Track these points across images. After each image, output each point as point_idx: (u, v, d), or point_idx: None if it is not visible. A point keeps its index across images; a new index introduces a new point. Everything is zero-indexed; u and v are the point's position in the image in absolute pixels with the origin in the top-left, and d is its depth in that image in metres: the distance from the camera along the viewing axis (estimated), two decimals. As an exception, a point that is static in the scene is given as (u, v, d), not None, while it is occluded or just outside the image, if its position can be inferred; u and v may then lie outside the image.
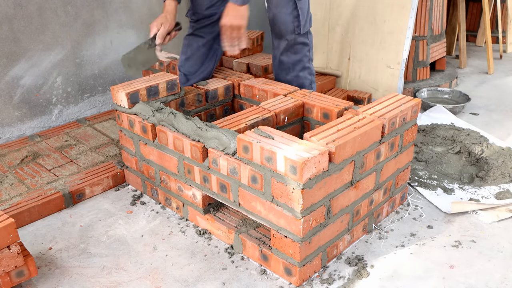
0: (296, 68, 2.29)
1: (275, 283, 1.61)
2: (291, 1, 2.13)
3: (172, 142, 1.83)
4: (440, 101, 3.12)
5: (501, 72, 3.77)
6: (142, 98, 1.99)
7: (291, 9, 2.14)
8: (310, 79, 2.35)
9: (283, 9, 2.14)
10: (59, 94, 2.71)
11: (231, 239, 1.76)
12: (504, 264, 1.68)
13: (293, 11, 2.14)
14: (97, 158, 2.32)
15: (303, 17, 2.18)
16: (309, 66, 2.33)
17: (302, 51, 2.27)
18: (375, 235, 1.83)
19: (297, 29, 2.19)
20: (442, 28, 3.40)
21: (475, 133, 2.52)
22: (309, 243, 1.54)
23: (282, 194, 1.48)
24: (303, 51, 2.27)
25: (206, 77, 2.38)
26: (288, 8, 2.14)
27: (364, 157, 1.63)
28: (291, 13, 2.15)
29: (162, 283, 1.62)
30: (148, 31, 2.20)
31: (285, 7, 2.14)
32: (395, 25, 2.83)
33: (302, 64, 2.29)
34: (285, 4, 2.13)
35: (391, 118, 1.69)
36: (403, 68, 2.85)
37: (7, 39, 2.43)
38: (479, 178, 2.18)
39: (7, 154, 2.36)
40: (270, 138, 1.53)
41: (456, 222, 1.91)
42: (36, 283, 1.62)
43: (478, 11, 4.43)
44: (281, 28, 2.20)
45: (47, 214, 2.00)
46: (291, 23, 2.17)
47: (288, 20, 2.16)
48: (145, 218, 1.98)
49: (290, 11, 2.14)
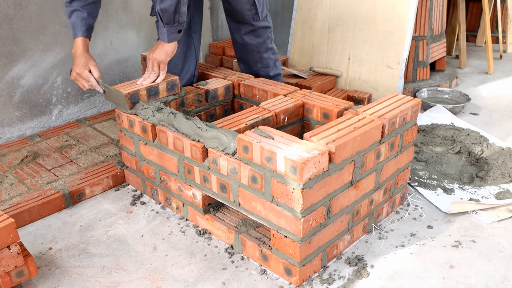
0: (260, 50, 2.40)
1: (275, 283, 1.61)
2: None
3: (172, 142, 1.83)
4: (440, 101, 3.12)
5: (501, 72, 3.77)
6: (142, 98, 1.99)
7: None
8: (274, 58, 2.47)
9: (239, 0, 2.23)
10: (59, 94, 2.71)
11: (231, 239, 1.76)
12: (504, 264, 1.68)
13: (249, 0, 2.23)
14: (97, 158, 2.32)
15: (259, 5, 2.26)
16: (272, 47, 2.45)
17: (264, 34, 2.37)
18: (375, 235, 1.83)
19: (255, 16, 2.28)
20: (442, 28, 3.40)
21: (475, 133, 2.52)
22: (309, 243, 1.54)
23: (282, 194, 1.48)
24: (266, 33, 2.38)
25: (192, 74, 2.37)
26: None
27: (364, 157, 1.63)
28: (247, 2, 2.24)
29: (162, 283, 1.62)
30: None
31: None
32: (395, 25, 2.83)
33: (266, 45, 2.40)
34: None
35: (391, 118, 1.69)
36: (403, 68, 2.85)
37: (7, 39, 2.43)
38: (479, 178, 2.18)
39: (7, 154, 2.36)
40: (270, 138, 1.53)
41: (456, 222, 1.91)
42: (36, 283, 1.62)
43: (478, 11, 4.43)
44: (239, 17, 2.29)
45: (47, 214, 2.00)
46: (248, 11, 2.26)
47: (245, 9, 2.25)
48: (145, 218, 1.98)
49: (245, 1, 2.23)
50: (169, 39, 1.96)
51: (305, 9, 3.19)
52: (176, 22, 1.92)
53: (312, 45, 3.16)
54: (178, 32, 1.97)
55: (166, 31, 1.94)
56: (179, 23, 1.93)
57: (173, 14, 1.89)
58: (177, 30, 1.96)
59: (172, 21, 1.91)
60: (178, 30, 1.97)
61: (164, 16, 1.88)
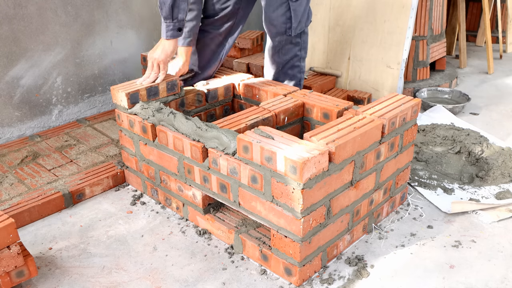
0: (286, 66, 2.32)
1: (275, 283, 1.61)
2: (284, 3, 2.11)
3: (172, 142, 1.83)
4: (440, 101, 3.12)
5: (501, 72, 3.77)
6: (142, 99, 1.99)
7: (284, 11, 2.13)
8: (299, 77, 2.37)
9: (276, 10, 2.14)
10: (59, 94, 2.71)
11: (231, 239, 1.76)
12: (504, 264, 1.68)
13: (286, 12, 2.14)
14: (97, 158, 2.32)
15: (296, 19, 2.16)
16: (299, 65, 2.34)
17: (292, 51, 2.27)
18: (375, 235, 1.83)
19: (288, 30, 2.18)
20: (442, 28, 3.40)
21: (475, 133, 2.52)
22: (309, 243, 1.54)
23: (282, 194, 1.48)
24: (294, 50, 2.28)
25: (211, 73, 2.38)
26: (281, 9, 2.13)
27: (364, 157, 1.63)
28: (283, 14, 2.14)
29: (162, 283, 1.62)
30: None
31: (278, 8, 2.13)
32: (395, 25, 2.83)
33: (292, 63, 2.31)
34: (278, 6, 2.13)
35: (391, 118, 1.69)
36: (403, 68, 2.85)
37: (7, 39, 2.43)
38: (479, 178, 2.18)
39: (7, 154, 2.36)
40: (270, 138, 1.53)
41: (456, 222, 1.91)
42: (36, 283, 1.62)
43: (478, 11, 4.43)
44: (271, 29, 2.20)
45: (47, 214, 2.00)
46: (283, 24, 2.16)
47: (280, 21, 2.16)
48: (145, 218, 1.98)
49: (282, 12, 2.14)
50: (167, 35, 1.95)
51: (305, 9, 3.19)
52: (175, 18, 1.91)
53: (312, 45, 3.16)
54: (178, 30, 1.96)
55: (165, 26, 1.93)
56: (178, 20, 1.92)
57: (171, 8, 1.87)
58: (176, 27, 1.94)
59: (171, 16, 1.90)
60: (178, 28, 1.95)
61: (163, 9, 1.88)
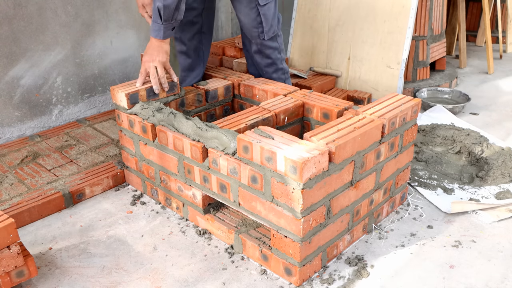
0: (269, 71, 2.38)
1: (275, 283, 1.61)
2: (254, 8, 2.16)
3: (172, 142, 1.83)
4: (440, 101, 3.12)
5: (501, 72, 3.77)
6: (142, 99, 1.99)
7: (254, 16, 2.18)
8: (283, 78, 2.44)
9: (247, 16, 2.19)
10: (59, 94, 2.71)
11: (231, 239, 1.76)
12: (504, 264, 1.68)
13: (256, 17, 2.18)
14: (97, 158, 2.32)
15: (267, 23, 2.21)
16: (282, 67, 2.41)
17: (273, 55, 2.34)
18: (375, 235, 1.83)
19: (261, 35, 2.24)
20: (442, 28, 3.40)
21: (475, 133, 2.52)
22: (309, 243, 1.54)
23: (282, 194, 1.48)
24: (274, 54, 2.34)
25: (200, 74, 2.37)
26: (251, 14, 2.18)
27: (364, 157, 1.63)
28: (254, 19, 2.19)
29: (162, 283, 1.62)
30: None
31: (249, 14, 2.18)
32: (395, 25, 2.83)
33: (275, 66, 2.38)
34: (249, 11, 2.17)
35: (391, 118, 1.69)
36: (403, 68, 2.85)
37: (7, 39, 2.43)
38: (479, 178, 2.18)
39: (7, 154, 2.36)
40: (270, 138, 1.53)
41: (456, 222, 1.91)
42: (36, 283, 1.62)
43: (478, 11, 4.42)
44: (247, 33, 2.27)
45: (47, 214, 2.00)
46: (255, 28, 2.22)
47: (253, 26, 2.21)
48: (145, 218, 1.98)
49: (253, 17, 2.18)
50: (164, 36, 1.96)
51: (305, 9, 3.19)
52: (174, 19, 1.93)
53: (312, 45, 3.16)
54: (172, 29, 1.98)
55: (163, 28, 1.94)
56: (176, 20, 1.94)
57: (173, 11, 1.89)
58: (172, 27, 1.96)
59: (171, 18, 1.91)
60: (172, 28, 1.97)
61: (165, 12, 1.89)
